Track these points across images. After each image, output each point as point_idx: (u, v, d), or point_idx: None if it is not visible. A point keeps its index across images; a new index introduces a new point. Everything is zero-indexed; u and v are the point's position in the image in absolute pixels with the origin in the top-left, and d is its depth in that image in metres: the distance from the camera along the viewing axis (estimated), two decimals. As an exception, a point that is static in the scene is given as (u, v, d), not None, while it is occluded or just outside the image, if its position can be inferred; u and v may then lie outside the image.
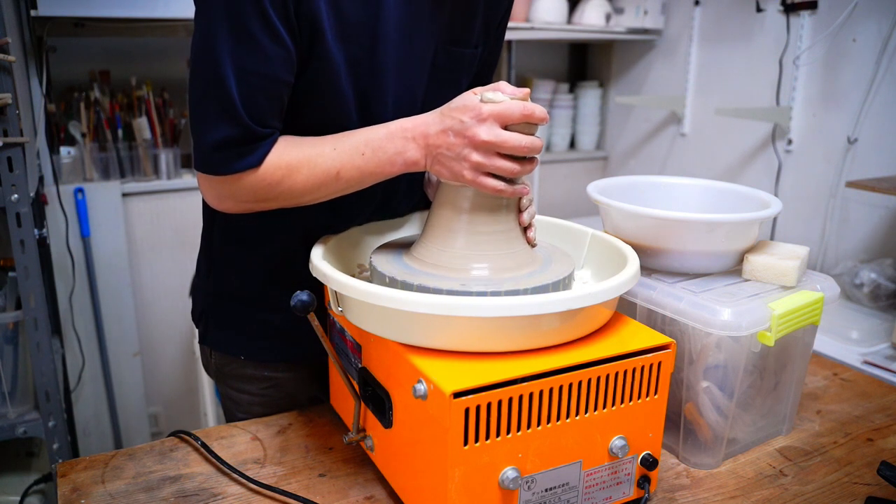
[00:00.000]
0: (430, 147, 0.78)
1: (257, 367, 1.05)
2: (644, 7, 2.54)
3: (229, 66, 0.77)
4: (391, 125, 0.81)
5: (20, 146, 1.41)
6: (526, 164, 0.79)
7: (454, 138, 0.76)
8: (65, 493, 0.84)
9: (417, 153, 0.79)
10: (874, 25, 1.89)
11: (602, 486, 0.78)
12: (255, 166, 0.81)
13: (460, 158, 0.76)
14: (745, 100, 2.30)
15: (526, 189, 0.81)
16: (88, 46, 2.15)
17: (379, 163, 0.81)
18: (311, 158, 0.82)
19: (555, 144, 2.90)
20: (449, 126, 0.76)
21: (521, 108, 0.75)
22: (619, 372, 0.74)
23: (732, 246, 0.94)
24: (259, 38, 0.77)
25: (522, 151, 0.76)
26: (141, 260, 2.22)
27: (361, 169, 0.82)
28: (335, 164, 0.82)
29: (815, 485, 0.88)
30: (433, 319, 0.70)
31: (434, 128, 0.78)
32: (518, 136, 0.75)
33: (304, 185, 0.83)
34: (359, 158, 0.81)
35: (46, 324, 1.52)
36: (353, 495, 0.84)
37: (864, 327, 1.70)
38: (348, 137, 0.83)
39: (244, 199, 0.85)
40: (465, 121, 0.75)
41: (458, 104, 0.77)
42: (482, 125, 0.74)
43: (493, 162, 0.76)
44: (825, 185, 2.07)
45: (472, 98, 0.76)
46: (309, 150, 0.82)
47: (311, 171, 0.82)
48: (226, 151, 0.80)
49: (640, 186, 1.09)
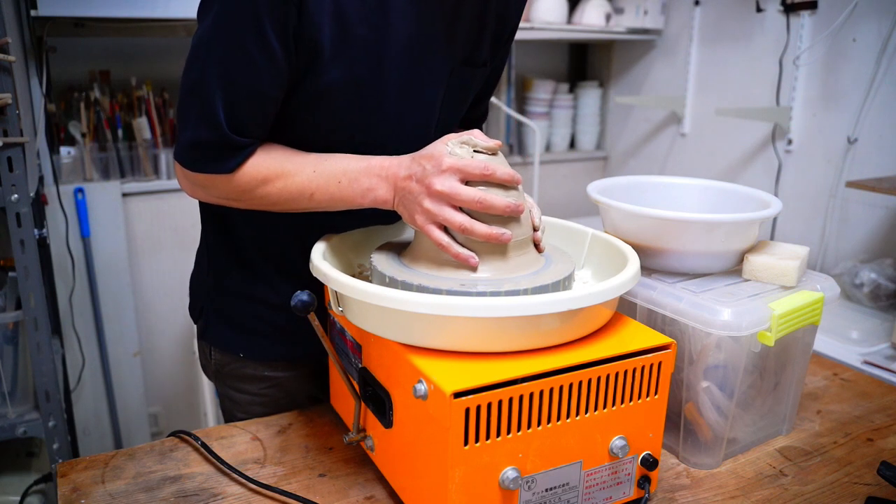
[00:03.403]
0: (398, 189, 0.80)
1: (257, 366, 1.05)
2: (644, 7, 2.54)
3: (217, 72, 0.79)
4: (372, 161, 0.83)
5: (20, 146, 1.41)
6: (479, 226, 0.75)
7: (415, 184, 0.78)
8: (65, 493, 0.84)
9: (387, 193, 0.82)
10: (874, 25, 1.89)
11: (602, 486, 0.78)
12: (228, 173, 0.83)
13: (415, 203, 0.78)
14: (745, 100, 2.30)
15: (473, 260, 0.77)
16: (88, 46, 2.15)
17: (352, 194, 0.83)
18: (290, 174, 0.84)
19: (555, 144, 2.90)
20: (414, 172, 0.78)
21: (481, 168, 0.76)
22: (620, 372, 0.74)
23: (732, 246, 0.94)
24: (251, 52, 0.78)
25: (475, 207, 0.76)
26: (141, 260, 2.22)
27: (334, 196, 0.84)
28: (311, 186, 0.84)
29: (815, 485, 0.88)
30: (433, 319, 0.70)
31: (403, 171, 0.80)
32: (472, 192, 0.75)
33: (277, 197, 0.85)
34: (334, 185, 0.83)
35: (46, 324, 1.52)
36: (353, 495, 0.84)
37: (864, 327, 1.70)
38: (329, 162, 0.84)
39: (215, 195, 0.88)
40: (427, 168, 0.76)
41: (427, 152, 0.78)
42: (440, 176, 0.75)
43: (442, 212, 0.76)
44: (825, 185, 2.07)
45: (439, 147, 0.78)
46: (289, 166, 0.84)
47: (286, 185, 0.84)
48: (201, 152, 0.82)
49: (640, 186, 1.09)
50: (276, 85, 0.81)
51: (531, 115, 2.79)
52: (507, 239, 0.77)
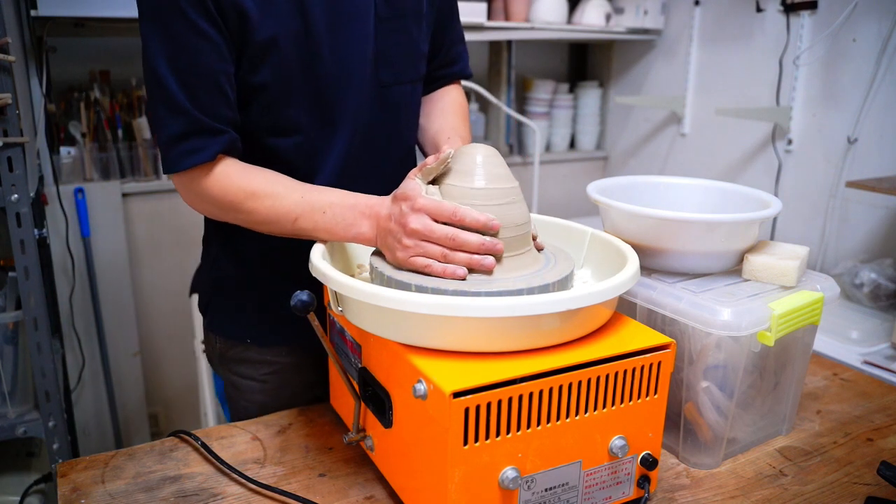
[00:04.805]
0: (380, 228, 0.84)
1: (261, 350, 1.07)
2: (644, 7, 2.54)
3: (165, 66, 0.85)
4: (359, 199, 0.87)
5: (20, 146, 1.41)
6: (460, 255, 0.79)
7: (394, 224, 0.81)
8: (65, 493, 0.84)
9: (370, 232, 0.85)
10: (874, 25, 1.89)
11: (602, 485, 0.78)
12: (209, 160, 0.87)
13: (396, 242, 0.81)
14: (745, 100, 2.30)
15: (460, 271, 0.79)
16: (88, 46, 2.15)
17: (335, 226, 0.87)
18: (279, 195, 0.88)
19: (555, 144, 2.90)
20: (393, 213, 0.82)
21: (450, 212, 0.78)
22: (619, 372, 0.74)
23: (732, 246, 0.94)
24: (184, 37, 0.84)
25: (448, 245, 0.79)
26: (141, 260, 2.22)
27: (318, 224, 0.87)
28: (296, 210, 0.88)
29: (814, 485, 0.88)
30: (433, 319, 0.70)
31: (384, 211, 0.83)
32: (444, 230, 0.78)
33: (265, 215, 0.89)
34: (319, 215, 0.87)
35: (46, 324, 1.52)
36: (353, 495, 0.84)
37: (864, 327, 1.70)
38: (318, 193, 0.89)
39: (210, 204, 0.91)
40: (402, 209, 0.80)
41: (401, 191, 0.82)
42: (414, 215, 0.79)
43: (420, 246, 0.80)
44: (825, 185, 2.07)
45: (411, 185, 0.81)
46: (279, 188, 0.89)
47: (273, 205, 0.88)
48: (179, 145, 0.86)
49: (640, 186, 1.09)
50: (219, 59, 0.86)
51: (531, 115, 2.79)
52: (490, 265, 0.79)
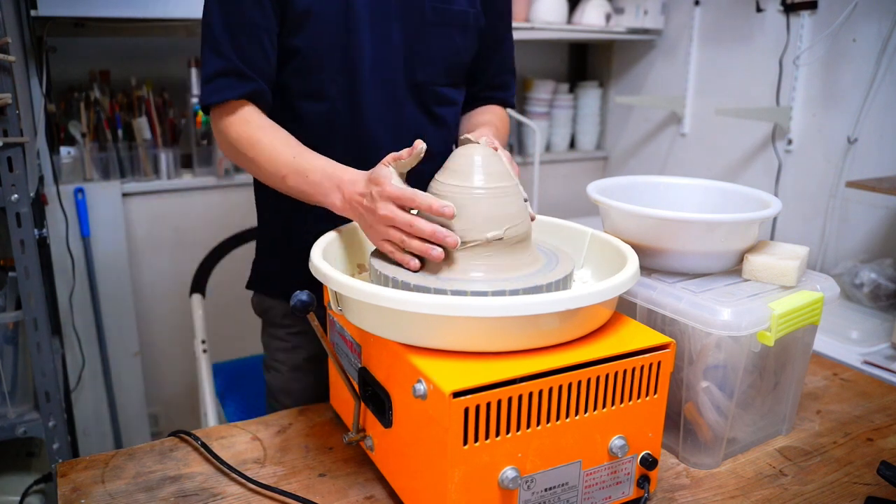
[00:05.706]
0: (352, 202, 0.88)
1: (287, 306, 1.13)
2: (644, 7, 2.54)
3: (217, 14, 0.99)
4: (337, 171, 0.92)
5: (20, 146, 1.41)
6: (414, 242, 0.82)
7: (367, 203, 0.85)
8: (65, 493, 0.84)
9: (340, 204, 0.90)
10: (874, 25, 1.89)
11: (602, 485, 0.78)
12: (233, 99, 0.99)
13: (368, 226, 0.87)
14: (745, 100, 2.30)
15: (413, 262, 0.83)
16: (88, 46, 2.15)
17: (314, 192, 0.93)
18: (276, 150, 0.97)
19: (555, 144, 2.89)
20: (366, 193, 0.86)
21: (410, 199, 0.82)
22: (619, 371, 0.74)
23: (732, 246, 0.94)
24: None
25: (407, 230, 0.82)
26: (141, 260, 2.22)
27: (301, 186, 0.95)
28: (286, 169, 0.96)
29: (814, 485, 0.88)
30: (433, 319, 0.70)
31: (359, 188, 0.87)
32: (404, 217, 0.81)
33: (262, 167, 0.98)
34: (303, 177, 0.94)
35: (46, 324, 1.52)
36: (353, 495, 0.84)
37: (864, 327, 1.69)
38: (309, 156, 0.96)
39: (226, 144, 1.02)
40: (373, 193, 0.84)
41: (374, 175, 0.85)
42: (381, 202, 0.83)
43: (387, 233, 0.84)
44: (825, 185, 2.07)
45: (384, 172, 0.85)
46: (278, 144, 0.97)
47: (270, 158, 0.97)
48: (212, 83, 1.00)
49: (640, 186, 1.09)
50: (264, 17, 0.99)
51: (531, 115, 2.79)
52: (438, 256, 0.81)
